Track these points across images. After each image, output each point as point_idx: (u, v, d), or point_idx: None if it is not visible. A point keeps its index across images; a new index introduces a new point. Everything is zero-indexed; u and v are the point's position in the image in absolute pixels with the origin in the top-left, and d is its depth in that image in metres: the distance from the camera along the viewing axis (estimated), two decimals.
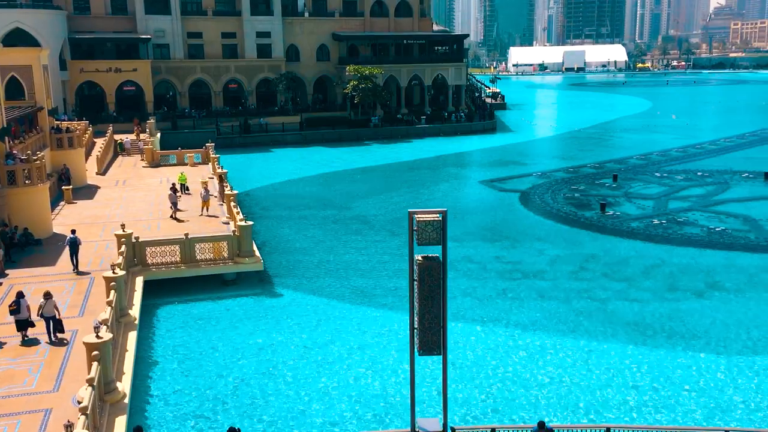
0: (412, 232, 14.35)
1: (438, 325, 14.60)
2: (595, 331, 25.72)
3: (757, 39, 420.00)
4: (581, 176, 57.47)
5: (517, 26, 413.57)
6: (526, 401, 20.43)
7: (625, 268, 32.98)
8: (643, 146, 72.87)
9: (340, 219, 44.11)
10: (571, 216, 43.91)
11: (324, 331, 25.83)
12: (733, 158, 64.37)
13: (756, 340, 24.45)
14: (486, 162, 69.27)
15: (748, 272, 31.83)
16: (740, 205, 44.80)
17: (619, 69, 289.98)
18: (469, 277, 31.90)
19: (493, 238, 39.22)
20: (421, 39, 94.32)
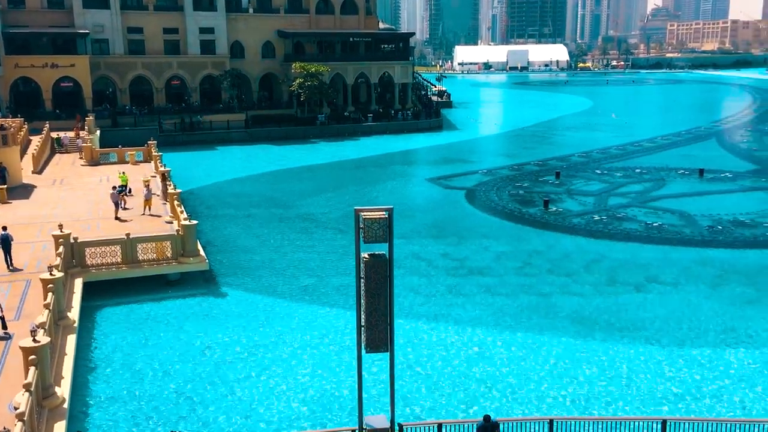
0: (359, 230, 14.36)
1: (385, 322, 14.65)
2: (540, 325, 26.22)
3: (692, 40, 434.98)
4: (525, 174, 58.49)
5: (462, 25, 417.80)
6: (472, 396, 20.69)
7: (567, 264, 33.72)
8: (584, 144, 74.64)
9: (286, 217, 43.78)
10: (515, 213, 44.65)
11: (270, 331, 25.60)
12: (670, 156, 66.53)
13: (691, 332, 25.33)
14: (432, 160, 69.81)
15: (684, 266, 32.95)
16: (676, 201, 46.33)
17: (561, 68, 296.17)
18: (416, 274, 32.09)
19: (440, 235, 39.56)
20: (368, 37, 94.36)
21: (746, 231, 38.55)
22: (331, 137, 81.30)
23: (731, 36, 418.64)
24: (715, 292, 29.34)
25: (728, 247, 36.16)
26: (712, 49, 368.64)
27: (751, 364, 22.60)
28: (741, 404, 20.07)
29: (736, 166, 59.73)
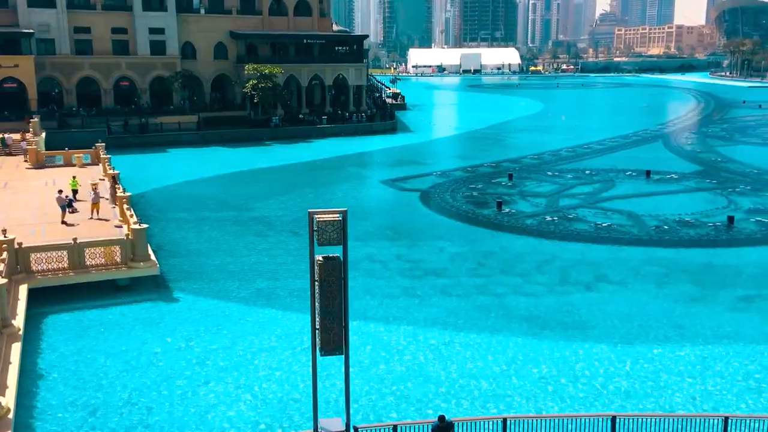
0: (313, 233, 14.31)
1: (340, 325, 14.62)
2: (493, 325, 26.51)
3: (639, 44, 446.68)
4: (479, 175, 59.10)
5: (416, 28, 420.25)
6: (428, 397, 20.78)
7: (520, 264, 34.19)
8: (536, 146, 75.83)
9: (240, 220, 43.29)
10: (469, 214, 45.07)
11: (224, 335, 25.25)
12: (618, 157, 68.09)
13: (640, 330, 25.94)
14: (387, 162, 69.98)
15: (632, 265, 33.77)
16: (624, 201, 47.44)
17: (513, 72, 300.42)
18: (371, 276, 32.10)
19: (395, 237, 39.67)
20: (322, 39, 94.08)
21: (691, 230, 39.72)
22: (285, 139, 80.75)
23: (676, 41, 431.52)
24: (662, 291, 30.14)
25: (674, 246, 37.20)
26: (658, 54, 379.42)
27: (697, 360, 23.27)
28: (688, 399, 20.64)
29: (681, 167, 61.50)
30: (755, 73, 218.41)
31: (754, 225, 40.68)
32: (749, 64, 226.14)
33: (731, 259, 34.88)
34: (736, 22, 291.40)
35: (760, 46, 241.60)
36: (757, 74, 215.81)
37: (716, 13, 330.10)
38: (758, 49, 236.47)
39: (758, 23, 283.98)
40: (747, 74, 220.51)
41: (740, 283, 31.03)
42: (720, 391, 21.07)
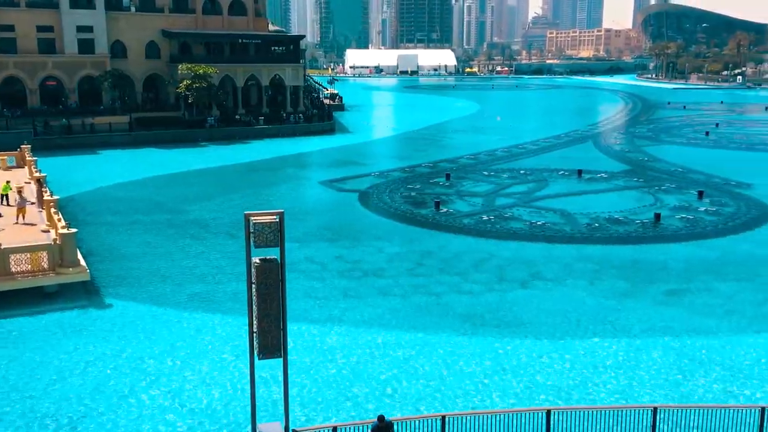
0: (249, 235, 14.15)
1: (278, 327, 14.49)
2: (433, 324, 26.77)
3: (570, 47, 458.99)
4: (417, 176, 59.57)
5: (353, 29, 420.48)
6: (368, 397, 20.81)
7: (458, 263, 34.64)
8: (473, 147, 76.95)
9: (175, 223, 42.36)
10: (408, 214, 45.38)
11: (159, 341, 24.66)
12: (551, 157, 69.80)
13: (573, 325, 26.67)
14: (325, 163, 69.76)
15: (565, 262, 34.67)
16: (558, 200, 48.66)
17: (449, 73, 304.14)
18: (310, 277, 31.93)
19: (334, 237, 39.58)
20: (257, 39, 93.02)
21: (620, 228, 41.05)
22: (221, 140, 79.47)
23: (605, 44, 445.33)
24: (593, 286, 31.07)
25: (604, 243, 38.38)
26: (588, 56, 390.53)
27: (627, 353, 24.08)
28: (619, 392, 21.34)
29: (611, 166, 63.49)
30: (679, 75, 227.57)
31: (679, 222, 42.36)
32: (674, 67, 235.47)
33: (658, 254, 36.22)
34: (661, 26, 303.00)
35: (684, 49, 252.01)
36: (681, 76, 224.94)
37: (642, 18, 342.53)
38: (682, 52, 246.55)
39: (681, 27, 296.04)
40: (672, 76, 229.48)
41: (667, 278, 32.26)
42: (649, 383, 21.86)
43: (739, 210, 45.43)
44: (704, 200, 47.65)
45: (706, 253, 36.44)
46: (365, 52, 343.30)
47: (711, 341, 24.97)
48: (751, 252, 36.58)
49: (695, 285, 31.18)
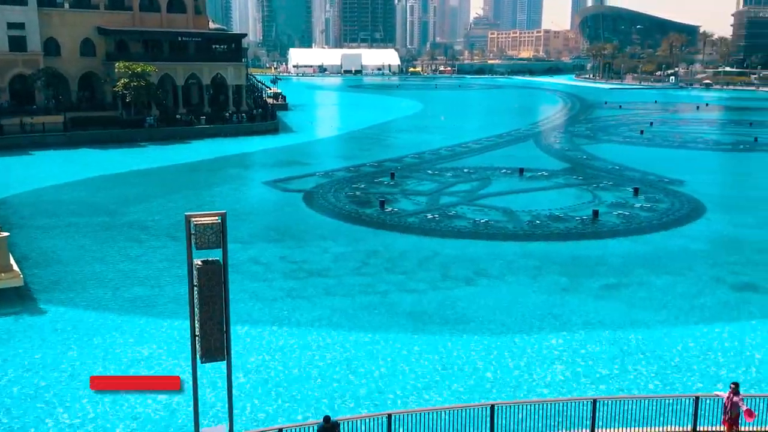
0: (190, 236, 13.90)
1: (221, 330, 14.28)
2: (378, 323, 26.85)
3: (511, 48, 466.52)
4: (362, 175, 59.59)
5: (296, 28, 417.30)
6: (314, 398, 20.72)
7: (403, 262, 34.82)
8: (417, 146, 77.46)
9: (114, 226, 41.24)
10: (353, 214, 45.36)
11: (97, 347, 23.98)
12: (494, 156, 70.87)
13: (516, 320, 27.16)
14: (269, 163, 69.08)
15: (508, 259, 35.28)
16: (500, 198, 49.42)
17: (393, 72, 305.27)
18: (254, 279, 31.59)
19: (278, 238, 39.26)
20: (198, 37, 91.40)
21: (560, 224, 42.00)
22: (161, 140, 77.73)
23: (544, 45, 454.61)
24: (536, 282, 31.71)
25: (545, 239, 39.20)
26: (528, 57, 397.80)
27: (568, 346, 24.68)
28: (561, 385, 21.84)
29: (551, 165, 64.90)
30: (615, 75, 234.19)
31: (616, 218, 43.61)
32: (610, 67, 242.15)
33: (597, 250, 37.21)
34: (597, 28, 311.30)
35: (619, 50, 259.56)
36: (617, 77, 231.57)
37: (579, 19, 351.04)
38: (617, 53, 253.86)
39: (617, 29, 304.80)
40: (608, 77, 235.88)
41: (605, 272, 33.19)
42: (589, 375, 22.45)
43: (673, 206, 47.07)
44: (640, 197, 49.16)
45: (642, 248, 37.61)
46: (309, 51, 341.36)
47: (647, 333, 25.81)
48: (685, 246, 37.95)
49: (632, 279, 32.15)
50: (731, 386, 16.87)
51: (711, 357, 23.85)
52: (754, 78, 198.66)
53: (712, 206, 46.88)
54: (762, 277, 32.48)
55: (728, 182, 60.88)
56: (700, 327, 26.51)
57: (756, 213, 45.71)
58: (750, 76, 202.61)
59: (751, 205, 48.65)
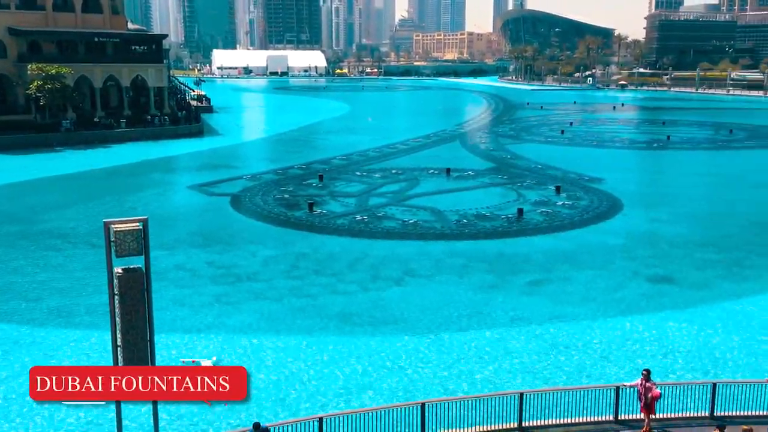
0: (110, 244, 13.46)
1: (144, 339, 13.88)
2: (309, 326, 26.69)
3: (436, 49, 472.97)
4: (290, 177, 59.10)
5: (219, 29, 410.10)
6: (243, 405, 20.35)
7: (333, 264, 34.75)
8: (345, 147, 77.44)
9: (29, 234, 39.43)
10: (281, 217, 44.94)
11: (11, 362, 22.87)
12: (421, 157, 71.63)
13: (445, 319, 27.53)
14: (194, 166, 67.59)
15: (437, 258, 35.72)
16: (428, 198, 49.98)
17: (320, 74, 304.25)
18: (180, 285, 30.84)
19: (205, 243, 38.47)
20: (115, 37, 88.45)
21: (487, 223, 42.84)
22: (79, 145, 74.83)
23: (468, 47, 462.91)
24: (464, 281, 32.23)
25: (472, 238, 39.89)
26: (453, 59, 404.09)
27: (495, 342, 25.20)
28: (489, 380, 22.28)
29: (477, 164, 66.11)
30: (536, 77, 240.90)
31: (540, 216, 44.83)
32: (531, 69, 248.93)
33: (522, 247, 38.14)
34: (518, 31, 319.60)
35: (539, 53, 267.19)
36: (538, 78, 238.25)
37: (501, 22, 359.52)
38: (538, 55, 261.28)
39: (537, 32, 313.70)
40: (530, 78, 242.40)
41: (530, 269, 34.06)
42: (516, 370, 22.99)
43: (592, 203, 48.75)
44: (561, 195, 50.67)
45: (564, 244, 38.80)
46: (233, 53, 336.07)
47: (570, 327, 26.63)
48: (604, 242, 39.38)
49: (555, 275, 33.12)
50: (643, 373, 17.63)
51: (631, 347, 24.84)
52: (666, 79, 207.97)
53: (629, 203, 48.82)
54: (676, 270, 34.06)
55: (644, 179, 63.56)
56: (620, 319, 27.54)
57: (670, 208, 47.89)
58: (662, 77, 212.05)
59: (665, 201, 50.96)
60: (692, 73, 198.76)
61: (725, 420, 16.97)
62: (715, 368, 23.13)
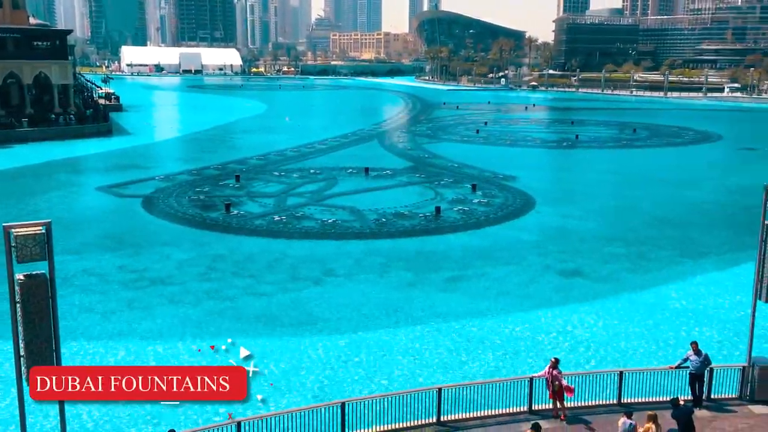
0: (10, 249, 12.76)
1: (50, 348, 13.22)
2: (227, 329, 26.17)
3: (353, 49, 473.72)
4: (205, 178, 57.81)
5: (129, 25, 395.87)
6: (158, 412, 19.77)
7: (251, 265, 34.24)
8: (262, 147, 76.45)
9: None
10: (197, 218, 43.91)
11: None
12: (339, 156, 71.62)
13: (365, 318, 27.64)
14: (103, 167, 65.07)
15: (356, 257, 35.81)
16: (347, 198, 50.03)
17: (235, 72, 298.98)
18: (89, 291, 29.63)
19: (116, 246, 37.09)
20: (16, 33, 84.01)
21: (405, 222, 43.28)
22: None
23: (385, 47, 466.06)
24: (383, 279, 32.46)
25: (391, 237, 40.22)
26: (370, 59, 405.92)
27: (414, 339, 25.49)
28: (409, 376, 22.51)
29: (395, 163, 66.67)
30: (451, 77, 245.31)
31: (456, 214, 45.66)
32: (447, 70, 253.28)
33: (439, 245, 38.74)
34: (434, 32, 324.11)
35: (454, 53, 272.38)
36: (453, 78, 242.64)
37: (417, 23, 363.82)
38: (453, 56, 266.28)
39: (452, 33, 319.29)
40: (445, 78, 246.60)
41: (447, 266, 34.63)
42: (435, 366, 23.34)
43: (507, 200, 50.10)
44: (477, 193, 51.81)
45: (480, 241, 39.71)
46: (143, 50, 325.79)
47: (486, 322, 27.27)
48: (518, 238, 40.54)
49: (472, 271, 33.83)
50: (551, 361, 18.30)
51: (545, 339, 25.67)
52: (574, 80, 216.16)
53: (542, 200, 50.45)
54: (585, 264, 35.45)
55: (555, 177, 65.88)
56: (534, 312, 28.40)
57: (579, 205, 49.81)
58: (571, 79, 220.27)
59: (574, 197, 52.98)
60: (598, 75, 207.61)
61: (632, 407, 17.79)
62: (623, 357, 24.23)
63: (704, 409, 18.59)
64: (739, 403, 19.00)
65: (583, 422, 18.02)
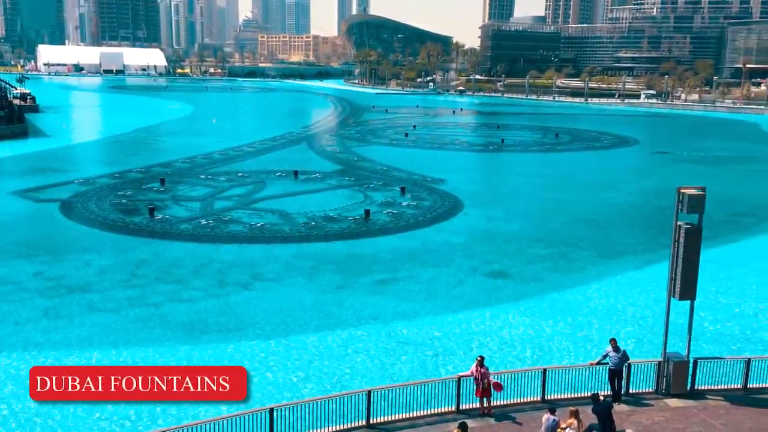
0: None
1: None
2: (152, 336, 25.50)
3: (281, 51, 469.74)
4: (128, 181, 56.06)
5: (45, 23, 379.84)
6: (81, 426, 19.05)
7: (176, 270, 33.41)
8: (188, 150, 74.73)
9: None
10: (119, 223, 42.52)
11: None
12: (268, 159, 70.80)
13: (295, 322, 27.40)
14: (17, 170, 62.15)
15: (285, 261, 35.48)
16: (276, 201, 49.51)
17: (159, 73, 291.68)
18: (2, 300, 28.23)
19: (31, 253, 35.48)
20: None
21: (335, 225, 43.16)
22: None
23: (314, 49, 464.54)
24: (312, 282, 32.27)
25: (321, 240, 40.03)
26: (299, 61, 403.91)
27: (344, 342, 25.47)
28: (338, 380, 22.46)
29: (324, 167, 66.45)
30: (380, 81, 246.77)
31: (386, 216, 45.90)
32: (375, 73, 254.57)
33: (369, 248, 38.83)
34: (362, 35, 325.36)
35: (383, 57, 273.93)
36: (382, 82, 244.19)
37: (346, 26, 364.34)
38: (381, 60, 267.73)
39: (380, 37, 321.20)
40: (375, 82, 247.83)
41: (377, 268, 34.78)
42: (365, 368, 23.37)
43: (435, 203, 50.69)
44: (406, 195, 52.22)
45: (409, 243, 40.02)
46: (62, 49, 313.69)
47: (415, 323, 27.51)
48: (447, 240, 41.08)
49: (401, 273, 34.07)
50: (477, 359, 18.64)
51: (473, 339, 26.09)
52: (499, 85, 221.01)
53: (469, 202, 51.30)
54: (511, 265, 36.26)
55: (482, 180, 67.14)
56: (462, 313, 28.82)
57: (505, 207, 50.92)
58: (496, 84, 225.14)
59: (500, 200, 54.13)
60: (522, 81, 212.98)
61: (555, 403, 18.28)
62: (548, 355, 24.89)
63: (623, 403, 19.30)
64: (655, 397, 19.81)
65: (509, 419, 18.40)
